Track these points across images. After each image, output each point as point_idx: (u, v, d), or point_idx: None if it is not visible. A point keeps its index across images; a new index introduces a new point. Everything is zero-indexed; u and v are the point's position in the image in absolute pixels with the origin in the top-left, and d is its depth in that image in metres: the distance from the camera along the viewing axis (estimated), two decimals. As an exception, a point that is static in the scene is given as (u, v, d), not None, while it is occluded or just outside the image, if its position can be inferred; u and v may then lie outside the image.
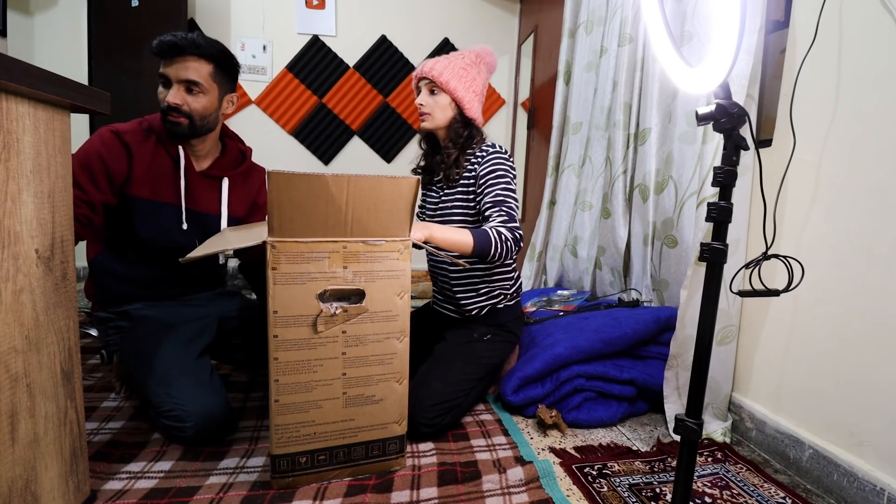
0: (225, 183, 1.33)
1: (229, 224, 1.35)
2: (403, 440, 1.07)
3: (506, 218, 1.24)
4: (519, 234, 1.24)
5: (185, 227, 1.27)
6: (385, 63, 3.14)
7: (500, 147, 1.36)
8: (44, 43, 2.74)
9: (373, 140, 3.19)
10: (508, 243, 1.21)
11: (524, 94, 3.06)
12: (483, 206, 1.29)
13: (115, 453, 1.07)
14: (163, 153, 1.25)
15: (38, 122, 0.72)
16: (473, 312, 1.41)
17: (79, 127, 2.65)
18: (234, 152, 1.38)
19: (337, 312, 0.96)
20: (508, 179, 1.31)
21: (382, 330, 1.01)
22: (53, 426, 0.77)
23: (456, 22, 3.17)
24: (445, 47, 3.17)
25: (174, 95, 1.18)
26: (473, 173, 1.35)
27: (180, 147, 1.25)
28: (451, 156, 1.37)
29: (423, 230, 1.10)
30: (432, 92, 1.37)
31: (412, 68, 3.17)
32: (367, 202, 0.94)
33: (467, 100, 1.36)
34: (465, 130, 1.38)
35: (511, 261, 1.42)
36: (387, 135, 3.20)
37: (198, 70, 1.19)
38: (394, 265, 1.00)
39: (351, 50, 3.09)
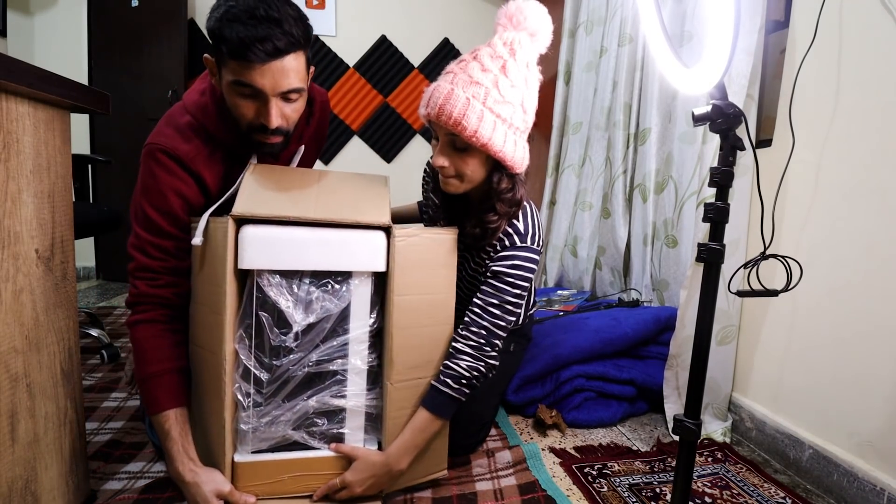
0: (300, 152, 1.07)
1: None
2: None
3: (478, 343, 0.95)
4: (487, 362, 0.95)
5: None
6: (385, 63, 3.14)
7: (534, 233, 0.99)
8: (44, 43, 2.74)
9: (373, 140, 3.19)
10: (473, 381, 0.95)
11: (524, 94, 3.06)
12: (474, 301, 0.98)
13: (115, 453, 1.07)
14: (235, 165, 0.99)
15: (38, 122, 0.72)
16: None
17: (79, 127, 2.66)
18: (304, 113, 1.04)
19: None
20: (512, 295, 0.96)
21: None
22: (53, 426, 0.77)
23: (456, 22, 3.17)
24: (445, 47, 3.18)
25: (276, 116, 0.86)
26: (489, 255, 1.01)
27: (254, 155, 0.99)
28: (494, 226, 0.97)
29: (385, 476, 0.88)
30: (456, 147, 0.90)
31: (412, 68, 3.17)
32: None
33: (518, 157, 0.92)
34: (513, 192, 0.96)
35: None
36: (387, 135, 3.20)
37: (297, 69, 0.85)
38: None
39: (351, 50, 3.09)
